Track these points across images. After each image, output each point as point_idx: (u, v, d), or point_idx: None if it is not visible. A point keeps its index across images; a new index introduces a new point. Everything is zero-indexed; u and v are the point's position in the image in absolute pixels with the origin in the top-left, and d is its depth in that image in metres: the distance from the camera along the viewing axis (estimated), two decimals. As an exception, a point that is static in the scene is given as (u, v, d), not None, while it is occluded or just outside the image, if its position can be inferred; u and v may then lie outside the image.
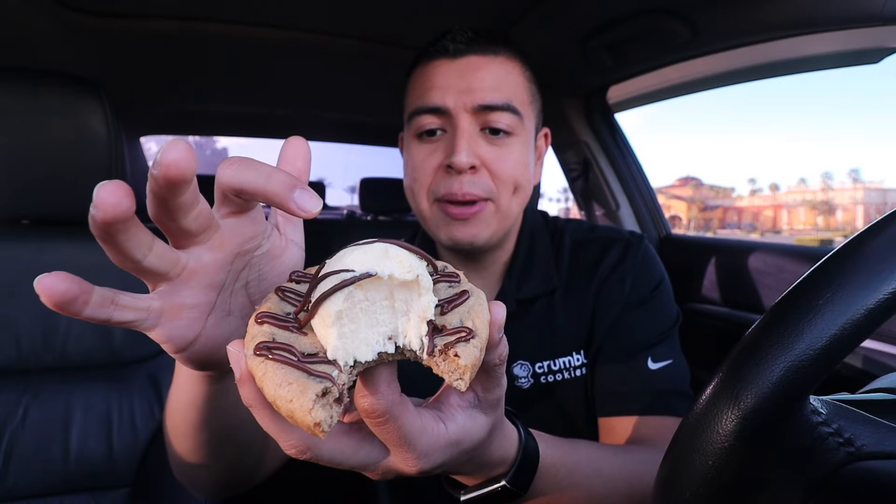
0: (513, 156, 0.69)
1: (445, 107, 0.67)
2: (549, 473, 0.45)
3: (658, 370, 0.68)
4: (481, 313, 0.30)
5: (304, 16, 1.18)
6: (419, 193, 0.71)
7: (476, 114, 0.67)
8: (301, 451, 0.31)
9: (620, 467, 0.54)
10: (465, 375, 0.27)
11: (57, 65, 1.25)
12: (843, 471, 0.26)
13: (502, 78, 0.68)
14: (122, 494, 0.78)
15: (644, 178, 1.57)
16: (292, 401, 0.25)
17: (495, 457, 0.40)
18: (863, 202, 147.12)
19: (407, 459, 0.33)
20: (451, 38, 0.69)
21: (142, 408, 0.81)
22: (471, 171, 0.67)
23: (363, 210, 2.76)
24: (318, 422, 0.25)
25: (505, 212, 0.70)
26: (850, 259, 0.27)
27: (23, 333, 0.80)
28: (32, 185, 0.81)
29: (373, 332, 0.28)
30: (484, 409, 0.36)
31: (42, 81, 0.80)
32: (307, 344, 0.28)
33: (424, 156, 0.70)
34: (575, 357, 0.72)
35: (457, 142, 0.66)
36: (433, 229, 0.72)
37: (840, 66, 1.11)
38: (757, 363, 0.27)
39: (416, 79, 0.72)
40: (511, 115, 0.68)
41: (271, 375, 0.26)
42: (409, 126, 0.72)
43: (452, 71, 0.68)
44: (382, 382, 0.30)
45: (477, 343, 0.28)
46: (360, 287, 0.28)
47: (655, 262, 0.76)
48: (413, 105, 0.70)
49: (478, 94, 0.66)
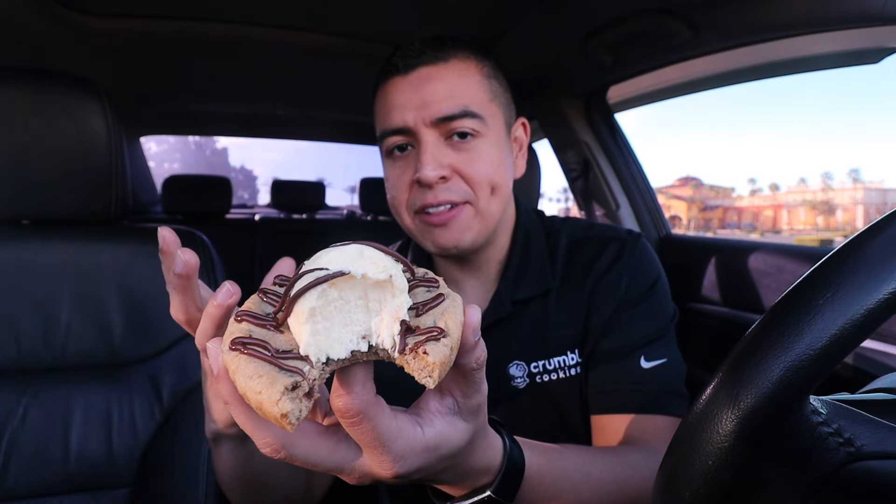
0: (482, 157, 0.69)
1: (406, 125, 0.68)
2: (535, 481, 0.45)
3: (651, 369, 0.68)
4: (454, 315, 0.31)
5: (304, 16, 1.18)
6: (400, 208, 0.73)
7: (437, 126, 0.68)
8: (275, 449, 0.32)
9: (609, 471, 0.54)
10: (433, 373, 0.28)
11: (57, 65, 1.25)
12: (843, 471, 0.26)
13: (455, 84, 0.68)
14: (122, 494, 0.78)
15: (644, 178, 1.57)
16: (261, 392, 0.26)
17: (479, 465, 0.40)
18: (863, 202, 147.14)
19: (382, 462, 0.33)
20: (400, 53, 0.70)
21: (142, 408, 0.81)
22: (442, 182, 0.68)
23: (363, 210, 2.76)
24: (285, 413, 0.26)
25: (485, 212, 0.70)
26: (850, 259, 0.27)
27: (23, 333, 0.80)
28: (32, 185, 0.81)
29: (346, 330, 0.29)
30: (464, 415, 0.36)
31: (42, 82, 0.80)
32: (283, 341, 0.29)
33: (398, 173, 0.71)
34: (570, 356, 0.72)
35: (421, 157, 0.67)
36: (420, 240, 0.74)
37: (840, 66, 1.11)
38: (757, 363, 0.27)
39: (378, 100, 0.73)
40: (471, 119, 0.68)
41: (243, 368, 0.27)
42: (381, 146, 0.74)
43: (406, 87, 0.68)
44: (357, 382, 0.30)
45: (447, 342, 0.29)
46: (334, 286, 0.28)
47: (652, 260, 0.76)
48: (380, 127, 0.72)
49: (433, 106, 0.67)
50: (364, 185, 2.67)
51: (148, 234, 0.89)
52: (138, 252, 0.86)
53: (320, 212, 2.98)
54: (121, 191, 0.85)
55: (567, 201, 58.45)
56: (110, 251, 0.86)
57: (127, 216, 0.91)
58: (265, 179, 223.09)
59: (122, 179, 0.85)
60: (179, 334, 0.85)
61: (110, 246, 0.86)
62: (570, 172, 1.68)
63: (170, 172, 2.67)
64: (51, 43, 1.16)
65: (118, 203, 0.86)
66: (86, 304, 0.83)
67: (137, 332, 0.84)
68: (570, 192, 1.76)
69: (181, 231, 0.91)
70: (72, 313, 0.82)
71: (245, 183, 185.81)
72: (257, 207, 3.84)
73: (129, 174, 0.87)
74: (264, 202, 3.69)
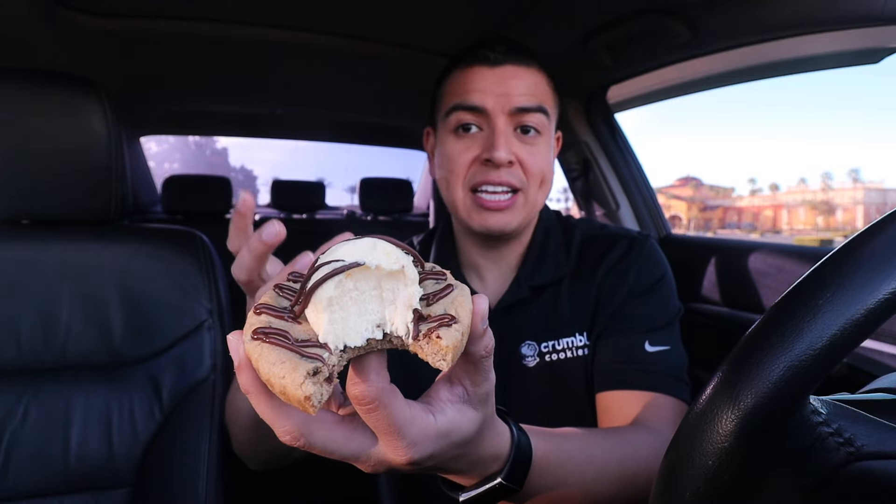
0: (541, 153, 0.77)
1: (484, 107, 0.74)
2: (542, 466, 0.47)
3: (655, 353, 0.72)
4: (464, 303, 0.32)
5: (304, 16, 1.18)
6: (454, 184, 0.78)
7: (511, 115, 0.74)
8: (295, 437, 0.33)
9: (611, 451, 0.56)
10: (447, 356, 0.29)
11: (57, 65, 1.25)
12: (843, 471, 0.26)
13: (533, 85, 0.76)
14: (122, 494, 0.78)
15: (644, 178, 1.57)
16: (284, 377, 0.27)
17: (488, 454, 0.41)
18: (863, 202, 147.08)
19: (397, 448, 0.34)
20: (490, 47, 0.76)
21: (142, 408, 0.81)
22: (508, 166, 0.74)
23: (363, 210, 2.76)
24: (308, 395, 0.27)
25: (532, 202, 0.78)
26: (850, 259, 0.27)
27: (23, 333, 0.80)
28: (33, 185, 0.81)
29: (362, 319, 0.30)
30: (474, 403, 0.37)
31: (42, 81, 0.80)
32: (301, 331, 0.31)
33: (461, 149, 0.76)
34: (578, 338, 0.77)
35: (496, 140, 0.73)
36: (465, 217, 0.78)
37: (840, 66, 1.11)
38: (757, 363, 0.27)
39: (454, 80, 0.78)
40: (542, 116, 0.76)
41: (266, 356, 0.29)
42: (446, 121, 0.78)
43: (492, 77, 0.75)
44: (372, 370, 0.31)
45: (458, 328, 0.30)
46: (349, 276, 0.30)
47: (660, 258, 0.81)
48: (452, 102, 0.77)
49: (514, 98, 0.74)
50: (364, 185, 2.67)
51: (148, 234, 0.89)
52: (138, 252, 0.86)
53: (320, 212, 2.98)
54: (121, 191, 0.85)
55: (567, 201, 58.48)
56: (110, 251, 0.86)
57: (127, 216, 0.91)
58: (265, 179, 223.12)
59: (122, 179, 0.85)
60: (179, 334, 0.85)
61: (110, 246, 0.86)
62: (570, 172, 1.68)
63: (170, 172, 2.66)
64: (51, 43, 1.16)
65: (118, 203, 0.86)
66: (86, 304, 0.83)
67: (137, 332, 0.84)
68: (570, 192, 1.76)
69: (180, 231, 0.91)
70: (72, 313, 0.82)
71: (245, 183, 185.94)
72: (257, 207, 3.84)
73: (129, 174, 0.87)
74: (264, 202, 3.69)
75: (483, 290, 0.83)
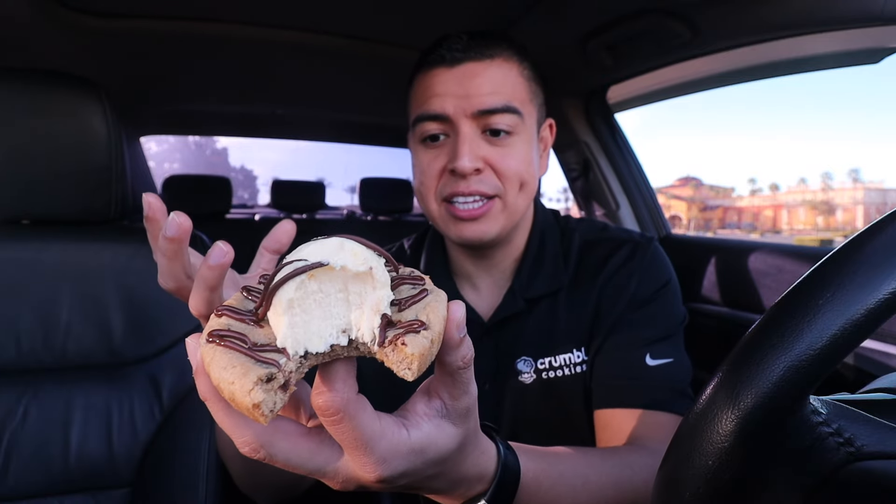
0: (516, 154, 0.71)
1: (446, 113, 0.69)
2: (531, 488, 0.44)
3: (656, 367, 0.68)
4: (437, 309, 0.30)
5: (304, 16, 1.18)
6: (427, 196, 0.74)
7: (476, 118, 0.69)
8: (254, 449, 0.31)
9: (608, 473, 0.53)
10: (412, 365, 0.27)
11: (57, 65, 1.25)
12: (843, 471, 0.26)
13: (499, 81, 0.70)
14: (122, 494, 0.78)
15: (644, 178, 1.57)
16: (233, 382, 0.26)
17: (472, 473, 0.39)
18: (863, 202, 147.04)
19: (365, 465, 0.31)
20: (447, 46, 0.70)
21: (142, 408, 0.81)
22: (475, 174, 0.69)
23: (363, 210, 2.76)
24: (258, 402, 0.25)
25: (512, 208, 0.72)
26: (850, 259, 0.27)
27: (23, 333, 0.80)
28: (33, 185, 0.81)
29: (326, 324, 0.28)
30: (453, 419, 0.34)
31: (42, 81, 0.80)
32: (262, 335, 0.29)
33: (430, 160, 0.72)
34: (575, 354, 0.73)
35: (459, 148, 0.68)
36: (443, 228, 0.75)
37: (840, 66, 1.11)
38: (757, 363, 0.27)
39: (417, 86, 0.74)
40: (511, 116, 0.70)
41: (218, 359, 0.27)
42: (414, 132, 0.74)
43: (450, 78, 0.69)
44: (339, 379, 0.29)
45: (427, 335, 0.28)
46: (312, 277, 0.28)
47: (664, 263, 0.77)
48: (416, 112, 0.73)
49: (475, 99, 0.68)
50: (364, 185, 2.67)
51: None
52: (138, 252, 0.86)
53: (320, 212, 2.98)
54: (121, 191, 0.85)
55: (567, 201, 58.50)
56: (110, 251, 0.85)
57: (127, 216, 0.91)
58: (265, 179, 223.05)
59: (122, 179, 0.85)
60: (179, 334, 0.85)
61: (110, 246, 0.86)
62: (570, 172, 1.68)
63: (170, 172, 2.67)
64: (51, 43, 1.16)
65: (118, 203, 0.86)
66: (86, 304, 0.83)
67: (137, 332, 0.84)
68: (570, 192, 1.76)
69: None
70: (72, 313, 0.82)
71: (245, 183, 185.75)
72: (257, 207, 3.84)
73: (129, 174, 0.87)
74: (264, 202, 3.69)
75: (478, 301, 0.80)
